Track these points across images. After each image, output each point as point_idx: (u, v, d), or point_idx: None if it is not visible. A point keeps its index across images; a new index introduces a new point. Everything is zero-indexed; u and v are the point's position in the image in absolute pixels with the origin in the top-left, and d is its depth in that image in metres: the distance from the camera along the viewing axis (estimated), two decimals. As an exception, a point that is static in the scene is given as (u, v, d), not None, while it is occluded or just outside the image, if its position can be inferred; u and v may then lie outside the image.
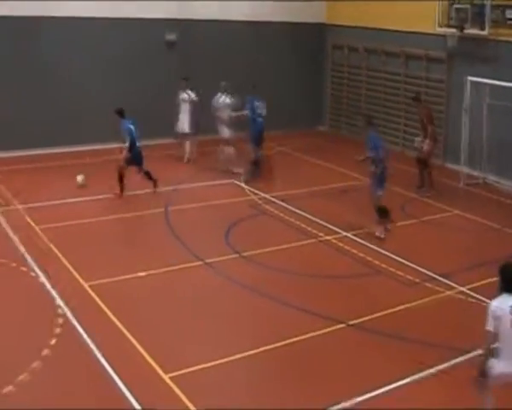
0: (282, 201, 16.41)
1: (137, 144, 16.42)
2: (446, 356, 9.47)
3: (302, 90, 24.64)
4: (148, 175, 16.68)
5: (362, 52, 23.69)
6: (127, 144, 16.24)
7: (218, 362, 9.20)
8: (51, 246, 13.14)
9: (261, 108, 18.24)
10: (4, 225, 14.41)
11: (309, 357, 9.56)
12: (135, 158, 16.32)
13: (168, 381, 8.68)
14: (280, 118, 22.32)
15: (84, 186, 16.79)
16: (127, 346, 9.58)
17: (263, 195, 16.87)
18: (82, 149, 20.26)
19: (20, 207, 15.57)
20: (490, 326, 7.28)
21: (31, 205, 15.57)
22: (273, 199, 16.57)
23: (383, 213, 14.29)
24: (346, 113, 24.55)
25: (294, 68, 24.45)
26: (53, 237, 13.57)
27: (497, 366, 7.28)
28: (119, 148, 16.76)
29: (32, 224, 14.40)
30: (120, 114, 16.40)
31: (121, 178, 16.26)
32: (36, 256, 12.61)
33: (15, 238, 13.56)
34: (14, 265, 12.30)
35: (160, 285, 11.73)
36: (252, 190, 17.18)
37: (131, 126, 16.29)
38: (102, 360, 9.10)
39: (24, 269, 12.13)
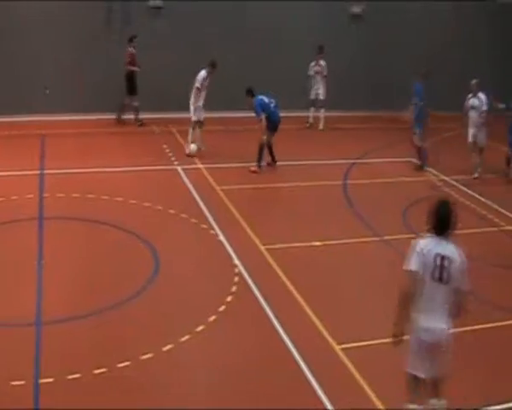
0: (464, 185, 15.82)
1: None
2: None
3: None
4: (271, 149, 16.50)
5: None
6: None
7: (387, 340, 9.04)
8: (230, 206, 13.49)
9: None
10: (187, 182, 14.95)
11: (493, 346, 9.14)
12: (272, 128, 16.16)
13: (339, 352, 8.65)
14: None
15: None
16: (300, 312, 9.64)
17: (443, 177, 16.37)
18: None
19: (201, 166, 16.10)
20: (412, 265, 6.36)
21: (211, 165, 16.04)
22: (453, 182, 16.03)
23: None
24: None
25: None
26: (231, 198, 13.91)
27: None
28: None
29: (213, 184, 14.85)
30: (250, 92, 16.15)
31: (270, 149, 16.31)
32: (215, 215, 12.99)
33: (196, 196, 14.06)
34: (194, 221, 12.73)
35: (334, 257, 11.70)
36: (432, 170, 16.72)
37: (265, 99, 16.09)
38: (275, 322, 9.23)
39: (204, 226, 12.52)
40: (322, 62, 20.09)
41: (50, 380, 7.76)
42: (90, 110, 19.82)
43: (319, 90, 20.08)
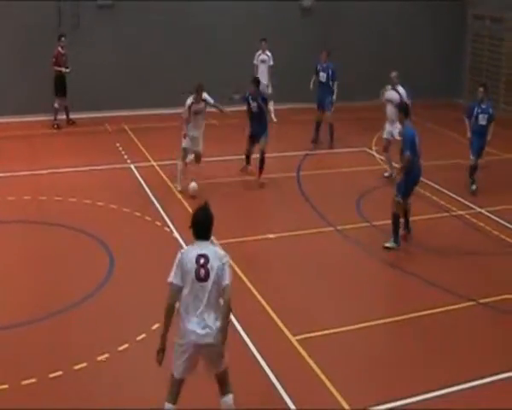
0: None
1: None
2: None
3: (439, 61, 23.89)
4: None
5: (505, 23, 22.66)
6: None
7: (343, 329, 9.20)
8: (184, 203, 13.50)
9: None
10: (140, 180, 14.92)
11: (435, 332, 9.38)
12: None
13: (295, 343, 8.76)
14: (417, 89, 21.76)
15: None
16: (254, 303, 9.75)
17: (395, 164, 16.54)
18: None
19: (154, 163, 16.07)
20: (172, 278, 6.52)
21: (163, 162, 16.01)
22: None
23: None
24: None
25: (432, 39, 23.74)
26: (185, 194, 13.91)
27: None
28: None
29: (167, 180, 14.83)
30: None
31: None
32: (169, 212, 13.00)
33: (150, 193, 14.05)
34: (148, 219, 12.73)
35: (289, 248, 11.80)
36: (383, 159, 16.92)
37: None
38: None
39: (158, 223, 12.53)
40: (268, 53, 20.10)
41: (5, 387, 7.71)
42: (37, 111, 19.63)
43: (265, 82, 19.89)
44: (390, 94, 15.40)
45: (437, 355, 8.78)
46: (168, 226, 12.34)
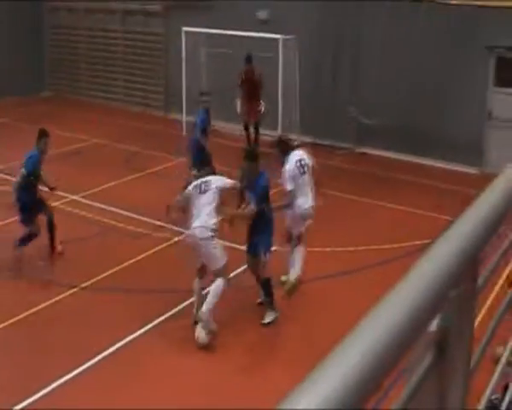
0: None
1: None
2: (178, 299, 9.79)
3: (19, 55, 23.30)
4: None
5: (80, 12, 23.16)
6: None
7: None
8: None
9: None
10: None
11: (39, 329, 9.36)
12: None
13: None
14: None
15: None
16: None
17: None
18: None
19: None
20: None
21: None
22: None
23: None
24: (68, 75, 23.86)
25: (7, 33, 23.12)
26: None
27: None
28: None
29: None
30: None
31: None
32: None
33: None
34: None
35: None
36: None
37: None
38: None
39: None
40: None
41: None
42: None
43: None
44: None
45: (41, 351, 8.77)
46: None
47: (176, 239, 11.80)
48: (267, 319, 9.32)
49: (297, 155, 9.77)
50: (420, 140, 16.52)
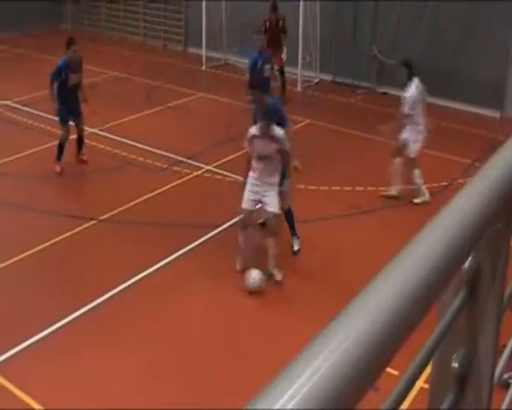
0: (25, 105, 15.56)
1: None
2: (199, 233, 9.81)
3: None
4: None
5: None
6: None
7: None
8: None
9: None
10: None
11: (62, 260, 9.40)
12: None
13: None
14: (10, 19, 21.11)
15: None
16: None
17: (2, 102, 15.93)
18: None
19: None
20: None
21: None
22: (15, 105, 15.70)
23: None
24: (88, 8, 23.56)
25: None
26: None
27: None
28: None
29: None
30: None
31: None
32: None
33: None
34: None
35: None
36: None
37: None
38: None
39: None
40: None
41: None
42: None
43: None
44: None
45: (66, 281, 8.86)
46: None
47: (195, 174, 11.82)
48: (296, 247, 9.66)
49: (416, 82, 10.83)
50: (440, 81, 16.27)
